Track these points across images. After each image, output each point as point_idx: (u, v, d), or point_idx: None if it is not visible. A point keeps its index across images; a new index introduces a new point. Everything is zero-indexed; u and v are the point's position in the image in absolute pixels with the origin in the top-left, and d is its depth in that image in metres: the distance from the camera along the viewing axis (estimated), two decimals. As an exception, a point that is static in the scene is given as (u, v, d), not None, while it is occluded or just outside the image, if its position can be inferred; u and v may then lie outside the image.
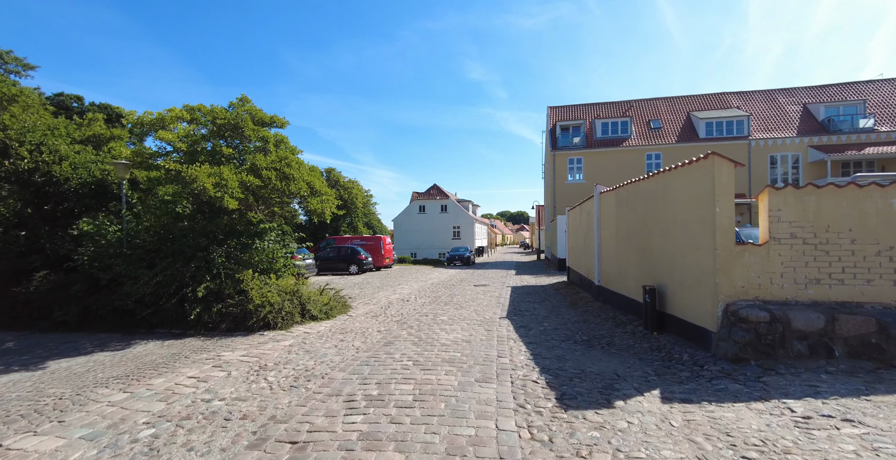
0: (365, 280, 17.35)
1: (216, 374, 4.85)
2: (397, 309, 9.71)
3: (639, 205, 7.41)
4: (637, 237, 7.51)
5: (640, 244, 7.38)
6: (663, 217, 6.46)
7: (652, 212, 6.86)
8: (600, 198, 9.74)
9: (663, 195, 6.46)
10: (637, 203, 7.50)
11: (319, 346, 6.16)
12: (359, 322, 8.10)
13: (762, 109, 27.91)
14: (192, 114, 7.64)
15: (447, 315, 8.69)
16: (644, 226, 7.18)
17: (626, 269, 8.08)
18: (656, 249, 6.70)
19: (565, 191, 28.76)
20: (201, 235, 7.76)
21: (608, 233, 9.23)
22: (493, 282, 16.18)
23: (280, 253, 9.17)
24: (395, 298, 11.57)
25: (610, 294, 9.05)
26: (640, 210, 7.34)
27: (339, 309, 8.93)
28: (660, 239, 6.57)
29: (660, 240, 6.56)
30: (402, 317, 8.62)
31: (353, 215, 67.84)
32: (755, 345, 4.55)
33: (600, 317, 8.24)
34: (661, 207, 6.55)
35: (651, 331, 6.42)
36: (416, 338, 6.49)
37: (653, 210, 6.83)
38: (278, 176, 7.66)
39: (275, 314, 7.22)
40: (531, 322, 7.97)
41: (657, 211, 6.67)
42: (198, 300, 7.30)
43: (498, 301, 10.83)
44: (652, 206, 6.87)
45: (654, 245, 6.80)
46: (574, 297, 11.06)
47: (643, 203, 7.22)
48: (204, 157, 7.35)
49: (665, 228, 6.39)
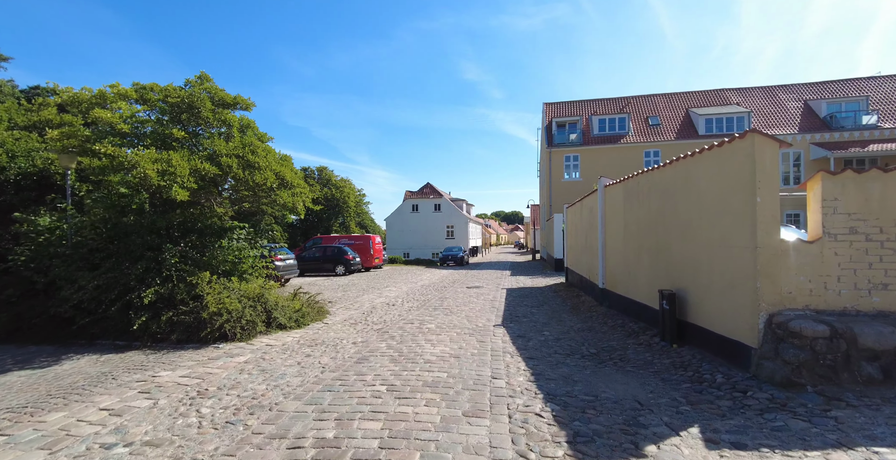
0: (351, 281, 16.34)
1: (137, 405, 3.86)
2: (380, 315, 8.74)
3: (652, 198, 6.52)
4: (650, 235, 6.61)
5: (653, 243, 6.49)
6: (683, 211, 5.56)
7: (669, 206, 5.97)
8: (605, 193, 8.84)
9: (684, 185, 5.56)
10: (650, 196, 6.60)
11: (279, 364, 5.18)
12: (334, 331, 7.12)
13: (762, 106, 27.28)
14: (140, 92, 6.62)
15: (435, 322, 7.73)
16: (659, 223, 6.28)
17: (636, 271, 7.18)
18: (674, 248, 5.81)
19: (562, 189, 27.93)
20: (150, 232, 6.73)
21: (614, 230, 8.33)
22: (487, 283, 15.26)
23: (248, 253, 8.16)
24: (379, 302, 10.59)
25: (616, 298, 8.15)
26: (654, 204, 6.44)
27: (314, 315, 7.94)
28: (679, 236, 5.67)
29: (679, 238, 5.67)
30: (384, 324, 7.65)
31: (345, 214, 66.71)
32: (811, 367, 3.65)
33: (607, 324, 7.34)
34: (680, 200, 5.65)
35: (670, 342, 5.51)
36: (395, 353, 5.53)
37: (670, 203, 5.94)
38: (240, 164, 6.66)
39: (233, 323, 6.22)
40: (530, 330, 7.05)
41: (675, 204, 5.77)
42: (144, 307, 6.29)
43: (492, 305, 9.90)
44: (669, 199, 5.97)
45: (671, 243, 5.90)
46: (575, 301, 10.15)
47: (658, 196, 6.32)
48: (150, 141, 6.34)
49: (686, 224, 5.50)
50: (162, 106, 6.48)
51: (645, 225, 6.81)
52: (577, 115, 29.91)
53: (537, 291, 12.71)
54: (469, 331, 6.87)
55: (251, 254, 8.29)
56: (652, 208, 6.54)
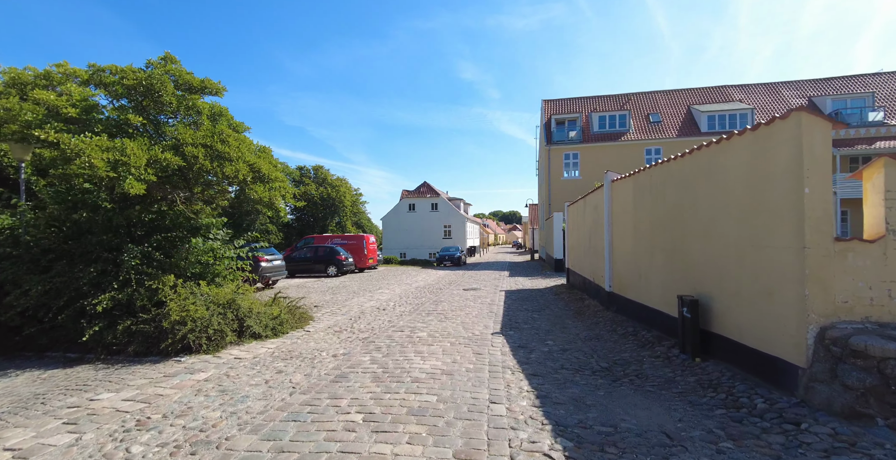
0: (342, 283, 15.62)
1: (54, 441, 3.15)
2: (369, 321, 8.04)
3: (668, 192, 5.86)
4: (665, 233, 5.95)
5: (669, 242, 5.83)
6: (705, 206, 4.90)
7: (688, 201, 5.30)
8: (612, 188, 8.18)
9: (707, 177, 4.90)
10: (665, 190, 5.94)
11: (244, 382, 4.48)
12: (314, 340, 6.43)
13: (766, 102, 26.73)
14: (93, 74, 5.90)
15: (428, 329, 7.05)
16: (676, 220, 5.62)
17: (648, 274, 6.52)
18: (694, 249, 5.14)
19: (561, 187, 27.30)
20: (106, 231, 6.02)
21: (622, 229, 7.67)
22: (484, 285, 14.58)
23: (223, 253, 7.46)
24: (369, 306, 9.89)
25: (625, 302, 7.49)
26: (670, 199, 5.78)
27: (294, 322, 7.24)
28: (700, 235, 5.01)
29: (700, 237, 5.01)
30: (371, 332, 6.96)
31: (342, 214, 65.92)
32: (881, 395, 2.99)
33: (616, 332, 6.67)
34: (701, 194, 4.99)
35: (691, 355, 4.85)
36: (380, 369, 4.84)
37: (689, 198, 5.28)
38: (208, 154, 5.95)
39: (198, 333, 5.51)
40: (531, 339, 6.37)
41: (696, 199, 5.11)
42: (98, 315, 5.58)
43: (490, 309, 9.22)
44: (687, 193, 5.31)
45: (690, 243, 5.24)
46: (579, 305, 9.49)
47: (674, 189, 5.66)
48: (102, 128, 5.62)
49: (708, 221, 4.84)
50: (118, 89, 5.76)
51: (659, 222, 6.15)
52: (577, 111, 29.29)
53: (537, 294, 12.04)
54: (465, 341, 6.19)
55: (228, 254, 7.59)
56: (667, 204, 5.87)
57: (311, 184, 65.13)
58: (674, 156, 5.74)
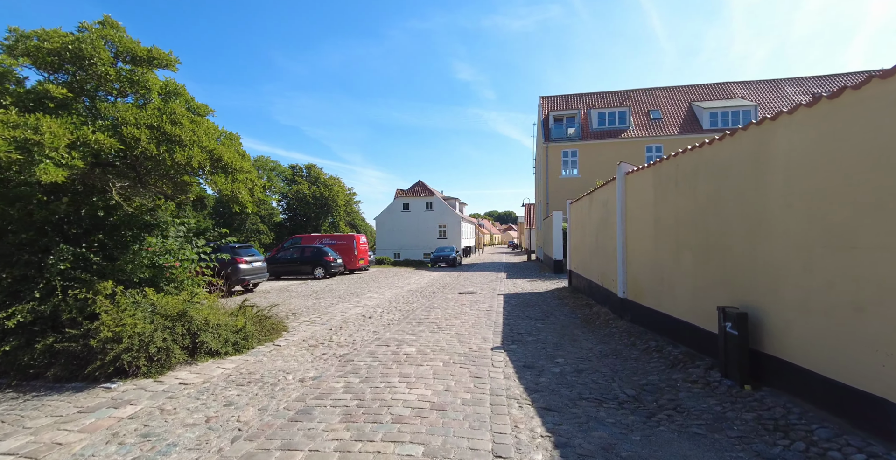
0: (329, 286, 14.61)
1: None
2: (351, 332, 7.07)
3: (700, 182, 4.95)
4: (696, 231, 5.04)
5: (701, 241, 4.92)
6: (753, 197, 4.00)
7: (728, 192, 4.40)
8: (626, 181, 7.27)
9: (754, 162, 4.00)
10: (696, 180, 5.03)
11: (180, 421, 3.50)
12: (283, 358, 5.45)
13: (769, 99, 26.06)
14: (17, 41, 4.88)
15: (417, 343, 6.09)
16: (710, 214, 4.71)
17: (673, 279, 5.61)
18: (738, 249, 4.24)
19: (559, 186, 26.47)
20: (26, 227, 5.00)
21: (639, 227, 6.76)
22: (481, 287, 13.65)
23: (184, 254, 6.46)
24: (354, 314, 8.91)
25: (643, 311, 6.58)
26: (704, 190, 4.87)
27: (263, 335, 6.26)
28: (746, 232, 4.11)
29: (746, 235, 4.10)
30: (351, 347, 5.99)
31: (335, 214, 64.82)
32: None
33: (636, 346, 5.76)
34: (748, 182, 4.09)
35: (739, 382, 3.94)
36: (354, 400, 3.88)
37: (730, 188, 4.37)
38: (154, 137, 4.95)
39: (135, 353, 4.51)
40: (538, 356, 5.44)
41: (740, 188, 4.21)
42: (10, 331, 4.57)
43: (488, 317, 8.28)
44: (728, 182, 4.41)
45: (732, 242, 4.33)
46: (586, 312, 8.57)
47: (710, 179, 4.75)
48: (12, 101, 4.60)
49: (758, 215, 3.94)
50: (43, 57, 4.75)
51: (687, 218, 5.24)
52: (575, 108, 28.47)
53: (538, 298, 11.12)
54: (460, 359, 5.24)
55: (188, 255, 6.59)
56: (699, 196, 4.96)
57: (304, 183, 64.01)
58: (708, 141, 4.84)
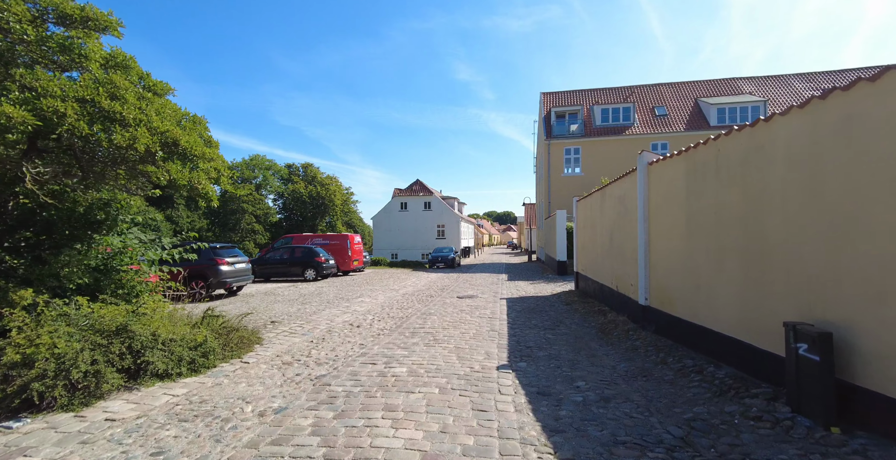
0: (319, 289, 13.69)
1: None
2: (333, 345, 6.17)
3: (753, 171, 4.06)
4: (745, 229, 4.15)
5: (753, 241, 4.03)
6: (836, 188, 3.12)
7: (796, 183, 3.51)
8: (650, 173, 6.39)
9: (845, 142, 3.11)
10: (748, 169, 4.14)
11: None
12: (247, 381, 4.54)
13: (778, 95, 25.26)
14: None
15: (410, 361, 5.19)
16: (771, 210, 3.83)
17: (712, 285, 4.72)
18: (811, 252, 3.35)
19: (561, 184, 25.62)
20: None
21: (666, 224, 5.88)
22: (481, 291, 12.76)
23: (139, 256, 5.56)
24: (342, 322, 8.01)
25: (672, 322, 5.69)
26: (757, 179, 3.99)
27: (230, 350, 5.35)
28: (823, 231, 3.22)
29: (824, 234, 3.22)
30: (331, 366, 5.09)
31: (332, 213, 63.83)
32: None
33: (667, 365, 4.87)
34: (828, 170, 3.20)
35: (821, 422, 3.04)
36: (322, 447, 2.98)
37: (800, 176, 3.49)
38: (85, 113, 4.05)
39: (52, 380, 3.60)
40: (554, 378, 4.54)
41: (820, 177, 3.32)
42: None
43: (491, 325, 7.39)
44: (798, 169, 3.52)
45: (801, 243, 3.45)
46: (600, 320, 7.69)
47: (767, 167, 3.87)
48: None
49: (844, 211, 3.05)
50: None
51: (734, 214, 4.35)
52: (578, 104, 27.62)
53: (544, 303, 10.24)
54: (460, 383, 4.34)
55: (148, 257, 5.69)
56: (751, 188, 4.08)
57: (301, 183, 63.00)
58: (763, 119, 3.95)
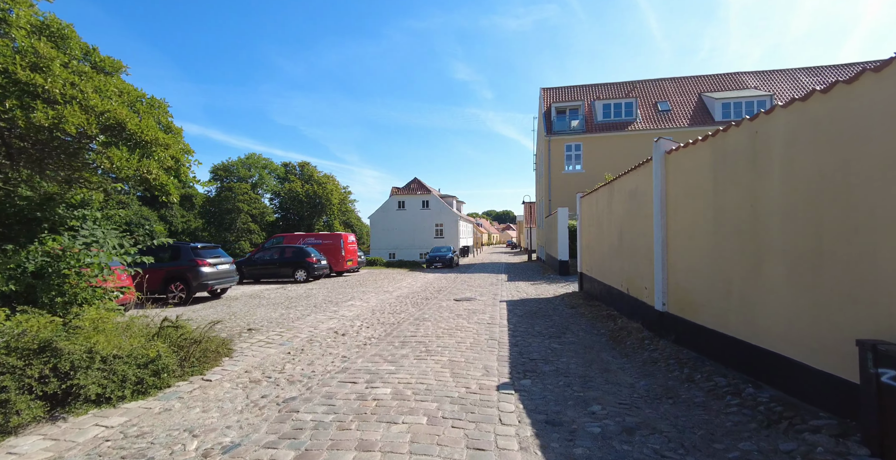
0: (308, 291, 12.98)
1: None
2: (312, 358, 5.46)
3: (806, 155, 3.36)
4: (796, 226, 3.46)
5: (808, 240, 3.34)
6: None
7: (871, 165, 2.82)
8: (667, 163, 5.70)
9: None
10: (796, 152, 3.45)
11: None
12: (201, 405, 3.84)
13: (784, 90, 24.60)
14: None
15: (396, 379, 4.49)
16: (830, 201, 3.13)
17: (749, 291, 4.02)
18: (890, 252, 2.66)
19: (562, 182, 24.94)
20: None
21: (689, 221, 5.19)
22: (480, 292, 12.06)
23: (86, 259, 4.86)
24: (325, 329, 7.30)
25: (696, 331, 5.00)
26: (810, 165, 3.30)
27: (191, 365, 4.64)
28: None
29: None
30: (304, 384, 4.39)
31: (329, 213, 63.01)
32: None
33: (695, 383, 4.18)
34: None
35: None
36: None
37: (877, 158, 2.79)
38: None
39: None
40: (564, 401, 3.85)
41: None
42: None
43: (490, 332, 6.70)
44: (870, 149, 2.83)
45: (878, 242, 2.75)
46: (610, 326, 7.00)
47: (826, 148, 3.17)
48: None
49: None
50: None
51: (779, 208, 3.66)
52: (579, 99, 26.92)
53: (547, 306, 9.55)
54: (453, 408, 3.64)
55: (96, 260, 4.98)
56: (803, 175, 3.38)
57: (297, 182, 62.14)
58: (821, 89, 3.26)
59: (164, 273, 10.37)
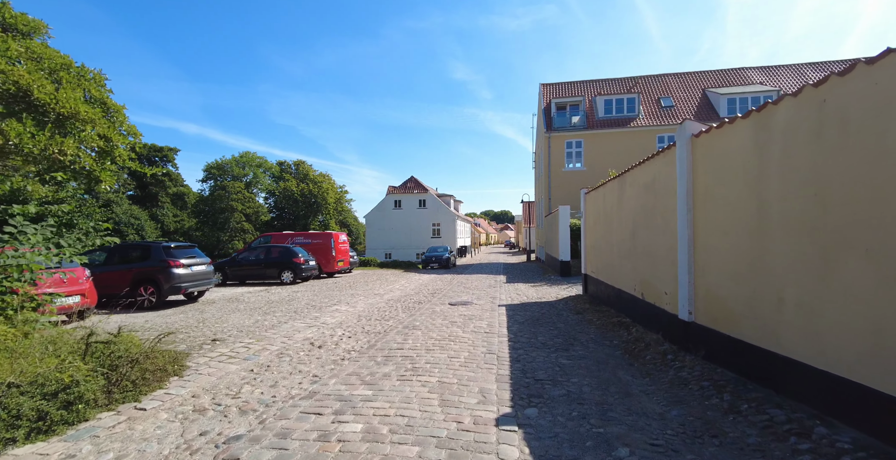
0: (293, 294, 12.11)
1: None
2: (277, 377, 4.61)
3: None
4: (890, 216, 2.64)
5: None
6: None
7: None
8: (695, 148, 4.88)
9: None
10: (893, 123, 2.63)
11: None
12: (116, 450, 2.99)
13: (791, 85, 23.89)
14: None
15: (370, 411, 3.65)
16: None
17: (811, 299, 3.20)
18: None
19: (562, 180, 24.16)
20: None
21: (724, 214, 4.37)
22: (477, 296, 11.23)
23: (4, 260, 4.02)
24: (303, 338, 6.45)
25: (732, 346, 4.18)
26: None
27: (122, 390, 3.79)
28: None
29: None
30: (258, 417, 3.54)
31: (325, 212, 62.03)
32: None
33: (744, 415, 3.35)
34: None
35: None
36: None
37: None
38: None
39: None
40: (580, 442, 3.01)
41: None
42: None
43: (488, 345, 5.87)
44: None
45: None
46: (624, 336, 6.17)
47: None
48: None
49: None
50: None
51: (862, 194, 2.84)
52: (580, 95, 26.15)
53: (550, 311, 8.72)
54: (439, 455, 2.81)
55: (12, 262, 4.14)
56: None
57: (292, 180, 61.10)
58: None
59: (132, 274, 9.50)
